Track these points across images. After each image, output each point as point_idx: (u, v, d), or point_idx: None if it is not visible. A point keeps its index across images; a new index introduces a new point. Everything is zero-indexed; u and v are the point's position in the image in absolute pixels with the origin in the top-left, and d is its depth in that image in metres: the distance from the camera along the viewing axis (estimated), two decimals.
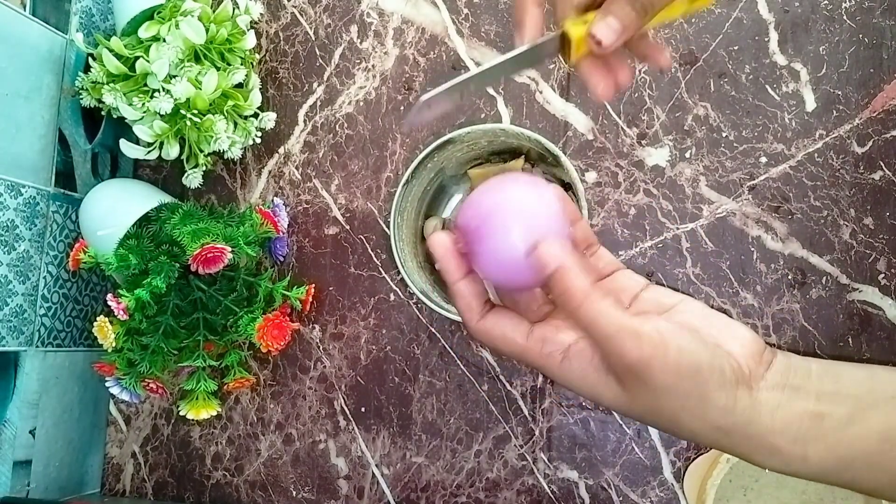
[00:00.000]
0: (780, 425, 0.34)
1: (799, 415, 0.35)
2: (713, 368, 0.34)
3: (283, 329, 0.69)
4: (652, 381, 0.34)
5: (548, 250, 0.35)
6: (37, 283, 0.70)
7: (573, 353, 0.36)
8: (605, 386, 0.36)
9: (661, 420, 0.35)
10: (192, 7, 0.67)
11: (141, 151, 0.69)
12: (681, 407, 0.34)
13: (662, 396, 0.34)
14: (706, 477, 0.63)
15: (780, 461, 0.35)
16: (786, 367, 0.36)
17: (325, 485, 0.73)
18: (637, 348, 0.33)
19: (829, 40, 0.65)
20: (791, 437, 0.34)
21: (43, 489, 0.71)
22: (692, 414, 0.34)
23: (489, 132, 0.64)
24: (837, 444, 0.34)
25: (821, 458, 0.34)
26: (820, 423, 0.34)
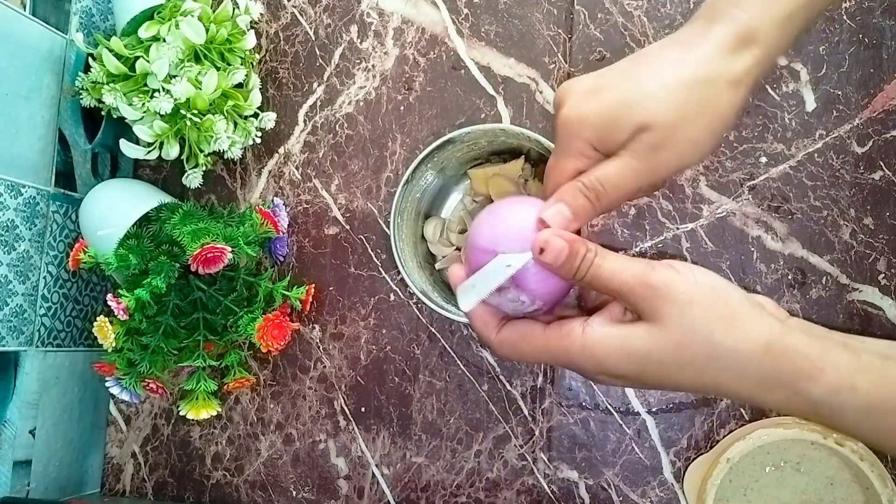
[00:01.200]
0: (819, 348, 0.33)
1: (835, 348, 0.34)
2: (733, 287, 0.35)
3: (283, 329, 0.69)
4: (676, 296, 0.34)
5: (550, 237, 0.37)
6: (37, 283, 0.70)
7: (592, 320, 0.37)
8: (631, 332, 0.35)
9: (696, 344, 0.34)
10: (192, 7, 0.67)
11: (141, 151, 0.69)
12: (712, 320, 0.34)
13: (689, 311, 0.34)
14: (706, 477, 0.63)
15: (826, 387, 0.33)
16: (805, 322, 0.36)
17: (325, 485, 0.73)
18: (655, 274, 0.35)
19: (829, 40, 0.65)
20: (833, 362, 0.33)
21: (43, 489, 0.71)
22: (725, 326, 0.34)
23: (489, 132, 0.64)
24: (882, 380, 0.33)
25: (869, 388, 0.33)
26: (858, 358, 0.33)
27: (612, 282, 0.36)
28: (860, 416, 0.33)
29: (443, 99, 0.72)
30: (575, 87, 0.41)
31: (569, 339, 0.37)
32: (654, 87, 0.39)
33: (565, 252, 0.36)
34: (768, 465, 0.64)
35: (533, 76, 0.71)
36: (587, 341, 0.36)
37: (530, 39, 0.71)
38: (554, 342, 0.37)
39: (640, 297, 0.35)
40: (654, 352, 0.35)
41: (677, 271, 0.35)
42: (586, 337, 0.36)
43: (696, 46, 0.39)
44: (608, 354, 0.36)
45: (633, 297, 0.35)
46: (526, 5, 0.71)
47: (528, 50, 0.71)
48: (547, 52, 0.70)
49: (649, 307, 0.35)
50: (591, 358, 0.36)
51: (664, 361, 0.35)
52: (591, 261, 0.36)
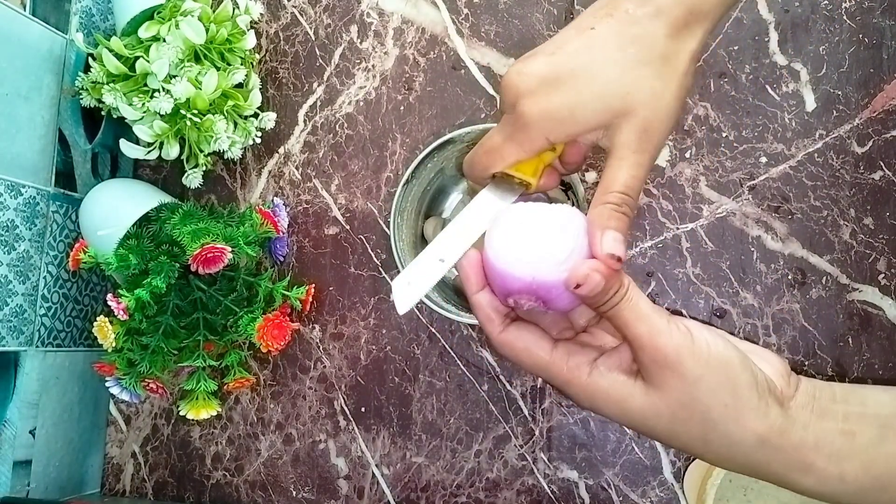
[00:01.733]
0: (812, 440, 0.34)
1: (830, 432, 0.34)
2: (745, 367, 0.34)
3: (283, 329, 0.69)
4: (683, 370, 0.34)
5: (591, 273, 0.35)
6: (37, 283, 0.70)
7: (601, 363, 0.36)
8: (633, 391, 0.35)
9: (692, 423, 0.34)
10: (192, 7, 0.67)
11: (141, 151, 0.69)
12: (713, 403, 0.34)
13: (693, 388, 0.34)
14: (706, 477, 0.63)
15: (815, 479, 0.34)
16: (812, 388, 0.36)
17: (325, 485, 0.73)
18: (669, 339, 0.34)
19: (829, 40, 0.65)
20: (825, 453, 0.33)
21: (43, 489, 0.71)
22: (724, 413, 0.34)
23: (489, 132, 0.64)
24: (872, 463, 0.33)
25: (857, 476, 0.33)
26: (852, 441, 0.34)
27: (628, 329, 0.35)
28: (850, 498, 0.34)
29: (443, 99, 0.72)
30: (531, 75, 0.40)
31: (572, 375, 0.36)
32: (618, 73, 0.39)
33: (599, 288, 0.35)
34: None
35: None
36: (590, 386, 0.36)
37: (530, 39, 0.71)
38: (556, 370, 0.37)
39: (649, 359, 0.34)
40: (649, 417, 0.35)
41: (693, 340, 0.34)
42: (591, 381, 0.36)
43: (644, 21, 0.39)
44: (607, 403, 0.36)
45: (642, 355, 0.35)
46: (526, 5, 0.71)
47: (527, 50, 0.70)
48: None
49: (655, 372, 0.34)
50: (589, 401, 0.36)
51: (657, 428, 0.35)
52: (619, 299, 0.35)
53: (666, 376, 0.34)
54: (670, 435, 0.35)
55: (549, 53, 0.41)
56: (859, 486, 0.33)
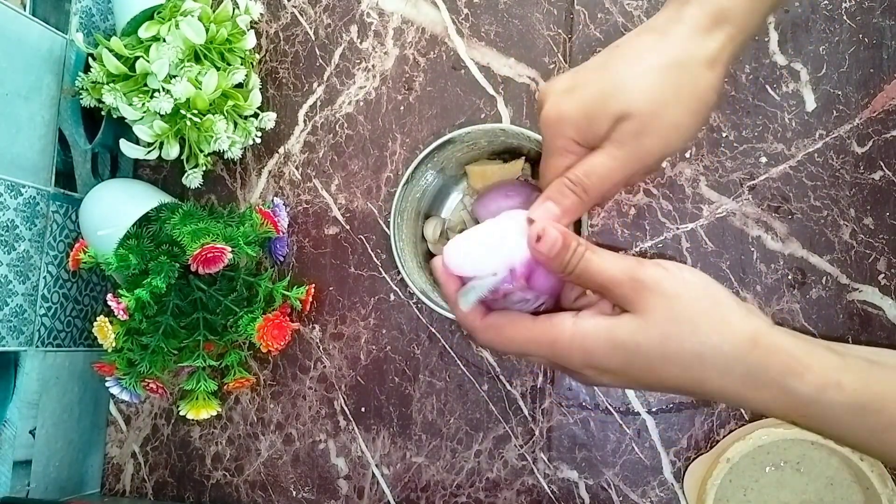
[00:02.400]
0: (805, 348, 0.33)
1: (819, 353, 0.34)
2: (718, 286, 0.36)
3: (283, 329, 0.69)
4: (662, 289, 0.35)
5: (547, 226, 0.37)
6: (37, 283, 0.70)
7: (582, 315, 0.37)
8: (620, 322, 0.35)
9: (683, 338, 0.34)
10: (192, 7, 0.67)
11: (141, 151, 0.69)
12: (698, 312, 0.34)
13: (676, 301, 0.34)
14: (706, 477, 0.63)
15: (813, 383, 0.33)
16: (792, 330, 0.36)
17: (325, 485, 0.73)
18: (644, 270, 0.35)
19: (829, 40, 0.65)
20: (819, 360, 0.33)
21: (43, 489, 0.71)
22: (710, 319, 0.34)
23: (489, 132, 0.64)
24: (870, 379, 0.33)
25: (856, 388, 0.32)
26: (843, 361, 0.33)
27: (602, 275, 0.36)
28: (847, 414, 0.33)
29: (443, 99, 0.72)
30: (553, 87, 0.41)
31: (557, 330, 0.37)
32: (629, 76, 0.39)
33: (559, 243, 0.36)
34: (768, 465, 0.64)
35: (533, 76, 0.71)
36: (576, 332, 0.36)
37: (530, 39, 0.71)
38: (540, 332, 0.37)
39: (629, 289, 0.35)
40: (640, 343, 0.35)
41: (665, 269, 0.36)
42: (576, 328, 0.36)
43: (668, 31, 0.39)
44: (597, 345, 0.36)
45: (622, 289, 0.35)
46: (526, 5, 0.71)
47: (528, 50, 0.71)
48: (547, 52, 0.70)
49: (637, 299, 0.35)
50: (580, 349, 0.36)
51: (650, 354, 0.35)
52: (581, 254, 0.37)
53: (648, 298, 0.35)
54: (664, 361, 0.35)
55: (576, 70, 0.42)
56: (857, 399, 0.32)
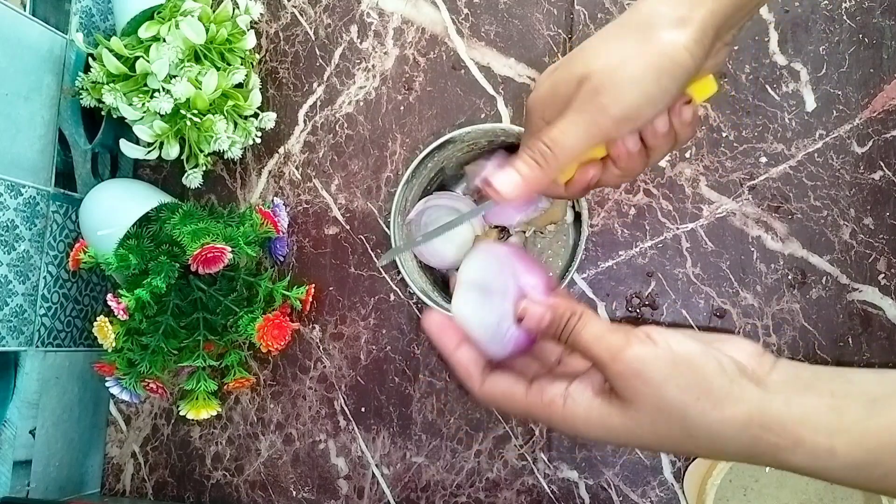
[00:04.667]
0: (798, 414, 0.33)
1: (815, 407, 0.33)
2: (708, 357, 0.34)
3: (283, 329, 0.69)
4: (648, 376, 0.33)
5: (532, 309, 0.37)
6: (37, 283, 0.70)
7: (572, 391, 0.36)
8: (610, 409, 0.35)
9: (672, 424, 0.34)
10: (192, 7, 0.67)
11: (141, 151, 0.69)
12: (686, 400, 0.33)
13: (663, 391, 0.33)
14: (706, 477, 0.63)
15: (805, 455, 0.32)
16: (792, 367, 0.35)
17: (325, 485, 0.73)
18: (629, 351, 0.34)
19: (829, 40, 0.65)
20: (812, 427, 0.32)
21: (43, 489, 0.71)
22: (699, 407, 0.33)
23: (489, 132, 0.64)
24: (864, 436, 0.32)
25: (849, 450, 0.32)
26: (840, 417, 0.33)
27: (590, 351, 0.35)
28: (842, 474, 0.33)
29: (443, 99, 0.72)
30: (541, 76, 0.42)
31: (550, 410, 0.36)
32: (593, 43, 0.39)
33: (546, 319, 0.37)
34: (768, 465, 0.64)
35: (533, 76, 0.71)
36: (567, 414, 0.36)
37: (530, 39, 0.71)
38: (536, 408, 0.37)
39: (614, 375, 0.34)
40: (632, 431, 0.35)
41: (654, 344, 0.34)
42: (567, 410, 0.36)
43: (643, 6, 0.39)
44: (588, 429, 0.36)
45: (608, 371, 0.35)
46: (526, 5, 0.71)
47: (528, 50, 0.71)
48: (547, 52, 0.70)
49: (623, 386, 0.34)
50: (573, 429, 0.36)
51: (643, 438, 0.35)
52: (572, 328, 0.36)
53: (635, 386, 0.34)
54: (658, 442, 0.35)
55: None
56: (851, 460, 0.32)
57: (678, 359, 0.34)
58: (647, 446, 0.35)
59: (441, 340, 0.40)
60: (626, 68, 0.38)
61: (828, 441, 0.32)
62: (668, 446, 0.35)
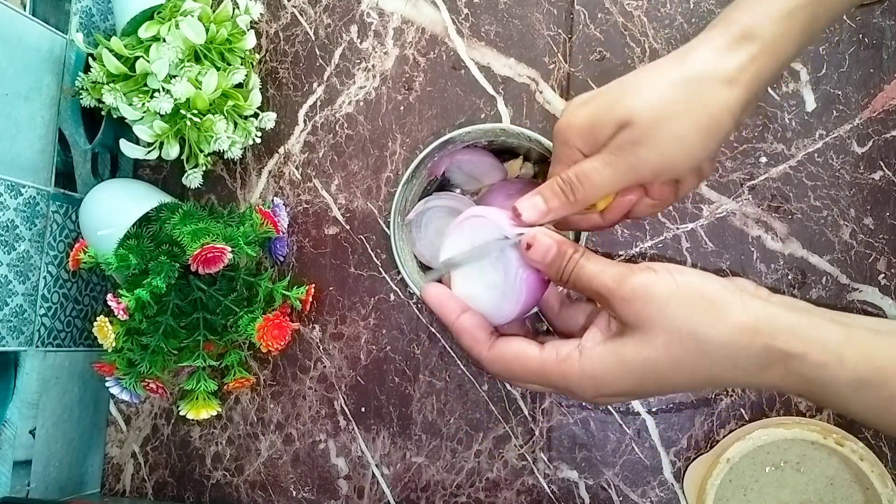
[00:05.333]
0: (806, 323, 0.33)
1: (820, 320, 0.33)
2: (708, 278, 0.35)
3: (283, 329, 0.69)
4: (653, 296, 0.34)
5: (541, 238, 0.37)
6: (37, 283, 0.70)
7: (585, 341, 0.37)
8: (625, 345, 0.35)
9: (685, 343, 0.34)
10: (192, 7, 0.67)
11: (141, 151, 0.69)
12: (693, 315, 0.34)
13: (669, 307, 0.34)
14: (706, 477, 0.63)
15: (815, 362, 0.32)
16: (790, 299, 0.36)
17: (325, 485, 0.73)
18: (633, 277, 0.35)
19: (829, 40, 0.65)
20: (820, 336, 0.33)
21: (43, 489, 0.71)
22: (708, 319, 0.33)
23: (489, 132, 0.64)
24: (872, 352, 0.32)
25: (857, 361, 0.32)
26: (847, 331, 0.33)
27: (593, 283, 0.36)
28: (850, 389, 0.32)
29: (443, 99, 0.72)
30: (573, 101, 0.42)
31: (566, 365, 0.36)
32: (639, 87, 0.39)
33: (553, 251, 0.37)
34: (768, 465, 0.64)
35: (533, 76, 0.71)
36: (585, 365, 0.36)
37: (530, 39, 0.71)
38: (551, 367, 0.37)
39: (620, 301, 0.35)
40: (648, 358, 0.34)
41: (655, 272, 0.35)
42: (584, 360, 0.36)
43: (692, 50, 0.39)
44: (607, 373, 0.35)
45: (613, 300, 0.35)
46: (526, 5, 0.71)
47: (528, 50, 0.71)
48: (547, 52, 0.70)
49: (630, 311, 0.35)
50: (592, 380, 0.36)
51: (659, 366, 0.34)
52: (576, 261, 0.37)
53: (642, 310, 0.34)
54: (675, 368, 0.34)
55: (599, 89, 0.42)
56: (859, 374, 0.32)
57: (680, 280, 0.35)
58: (666, 379, 0.35)
59: (443, 311, 0.40)
60: (671, 124, 0.38)
61: (836, 350, 0.32)
62: (685, 373, 0.34)
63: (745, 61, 0.38)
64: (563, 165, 0.42)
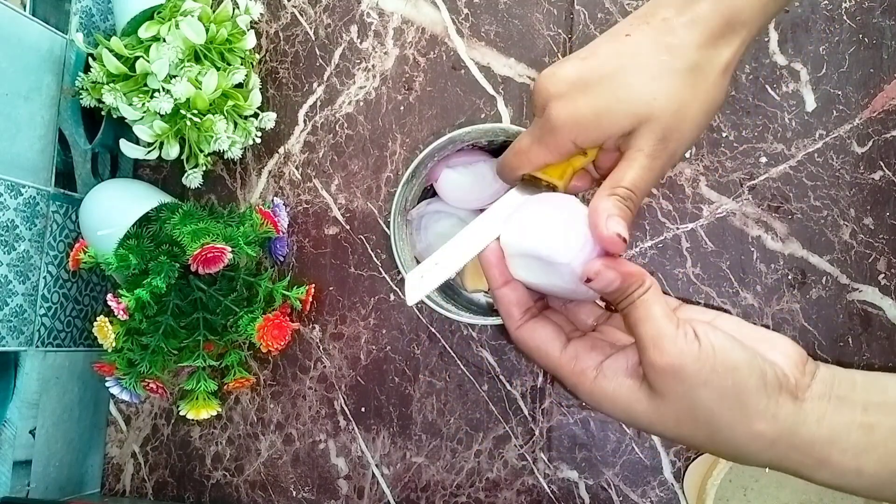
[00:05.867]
0: (827, 434, 0.33)
1: (847, 425, 0.33)
2: (753, 369, 0.33)
3: (283, 329, 0.69)
4: (685, 376, 0.33)
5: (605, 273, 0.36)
6: (37, 283, 0.70)
7: (606, 367, 0.36)
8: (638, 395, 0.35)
9: (698, 428, 0.34)
10: (192, 7, 0.67)
11: (141, 151, 0.69)
12: (717, 409, 0.33)
13: (696, 394, 0.33)
14: (706, 477, 0.63)
15: (831, 474, 0.33)
16: (830, 377, 0.35)
17: (325, 485, 0.73)
18: (673, 345, 0.33)
19: (829, 40, 0.65)
20: (841, 447, 0.33)
21: (43, 489, 0.71)
22: (730, 418, 0.33)
23: (489, 132, 0.64)
24: (891, 456, 0.32)
25: (875, 470, 0.32)
26: (871, 434, 0.33)
27: (636, 328, 0.35)
28: (868, 492, 0.33)
29: (443, 99, 0.72)
30: (562, 79, 0.40)
31: (579, 378, 0.37)
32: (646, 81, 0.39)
33: (615, 285, 0.36)
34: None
35: (533, 76, 0.71)
36: (596, 389, 0.36)
37: (530, 39, 0.71)
38: (565, 371, 0.37)
39: (651, 364, 0.34)
40: (654, 422, 0.35)
41: (699, 346, 0.33)
42: (596, 384, 0.36)
43: (679, 31, 0.39)
44: (614, 406, 0.36)
45: (645, 358, 0.34)
46: (526, 5, 0.71)
47: (528, 50, 0.71)
48: (547, 52, 0.70)
49: (658, 378, 0.34)
50: (597, 403, 0.36)
51: (665, 428, 0.35)
52: (636, 297, 0.36)
53: (669, 382, 0.34)
54: (678, 436, 0.35)
55: (582, 58, 0.41)
56: (877, 479, 0.32)
57: (720, 366, 0.33)
58: (665, 437, 0.36)
59: (492, 271, 0.40)
60: (687, 114, 0.39)
61: (854, 462, 0.32)
62: (686, 442, 0.35)
63: (738, 48, 0.40)
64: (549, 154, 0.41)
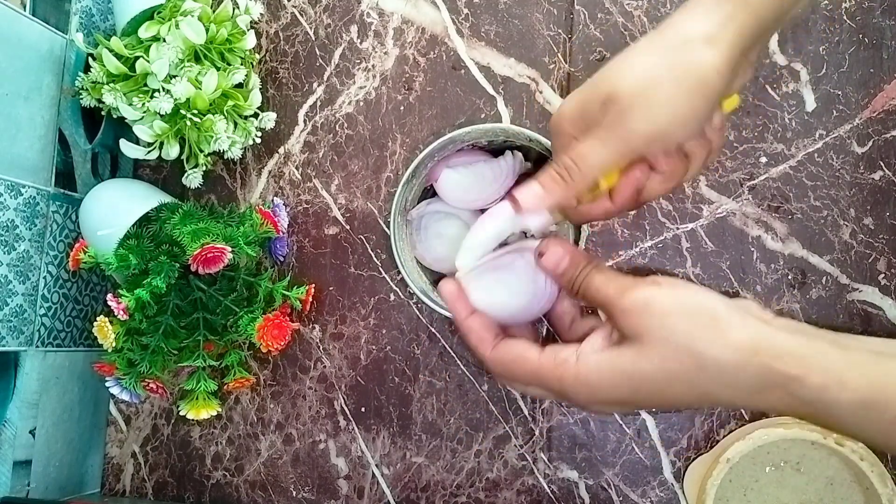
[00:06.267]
0: (806, 347, 0.33)
1: (820, 346, 0.33)
2: (715, 297, 0.35)
3: (283, 329, 0.69)
4: (654, 309, 0.34)
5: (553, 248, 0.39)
6: (37, 283, 0.70)
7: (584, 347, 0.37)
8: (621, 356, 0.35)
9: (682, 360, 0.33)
10: (192, 7, 0.67)
11: (141, 151, 0.69)
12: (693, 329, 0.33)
13: (670, 322, 0.34)
14: (706, 477, 0.63)
15: (815, 387, 0.32)
16: (794, 322, 0.36)
17: (325, 485, 0.73)
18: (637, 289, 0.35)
19: (829, 40, 0.65)
20: (822, 360, 0.32)
21: (43, 489, 0.71)
22: (708, 335, 0.33)
23: (489, 132, 0.64)
24: (874, 374, 0.32)
25: (859, 384, 0.32)
26: (848, 354, 0.32)
27: (598, 293, 0.36)
28: (851, 412, 0.32)
29: (443, 99, 0.72)
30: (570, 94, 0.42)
31: (562, 369, 0.36)
32: (621, 63, 0.39)
33: (566, 261, 0.38)
34: (768, 465, 0.64)
35: (533, 76, 0.71)
36: (581, 370, 0.36)
37: (530, 39, 0.71)
38: (547, 370, 0.37)
39: (620, 312, 0.35)
40: (643, 369, 0.34)
41: (658, 286, 0.35)
42: (580, 365, 0.36)
43: (671, 21, 0.39)
44: (601, 380, 0.35)
45: (614, 310, 0.35)
46: (526, 5, 0.71)
47: (528, 50, 0.71)
48: (547, 52, 0.70)
49: (630, 323, 0.35)
50: (586, 386, 0.36)
51: (654, 378, 0.34)
52: (587, 273, 0.37)
53: (640, 322, 0.34)
54: (669, 382, 0.34)
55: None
56: (860, 396, 0.31)
57: (683, 295, 0.35)
58: (660, 392, 0.35)
59: (455, 306, 0.41)
60: (656, 91, 0.37)
61: (838, 374, 0.32)
62: (680, 388, 0.34)
63: (723, 19, 0.37)
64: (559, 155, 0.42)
